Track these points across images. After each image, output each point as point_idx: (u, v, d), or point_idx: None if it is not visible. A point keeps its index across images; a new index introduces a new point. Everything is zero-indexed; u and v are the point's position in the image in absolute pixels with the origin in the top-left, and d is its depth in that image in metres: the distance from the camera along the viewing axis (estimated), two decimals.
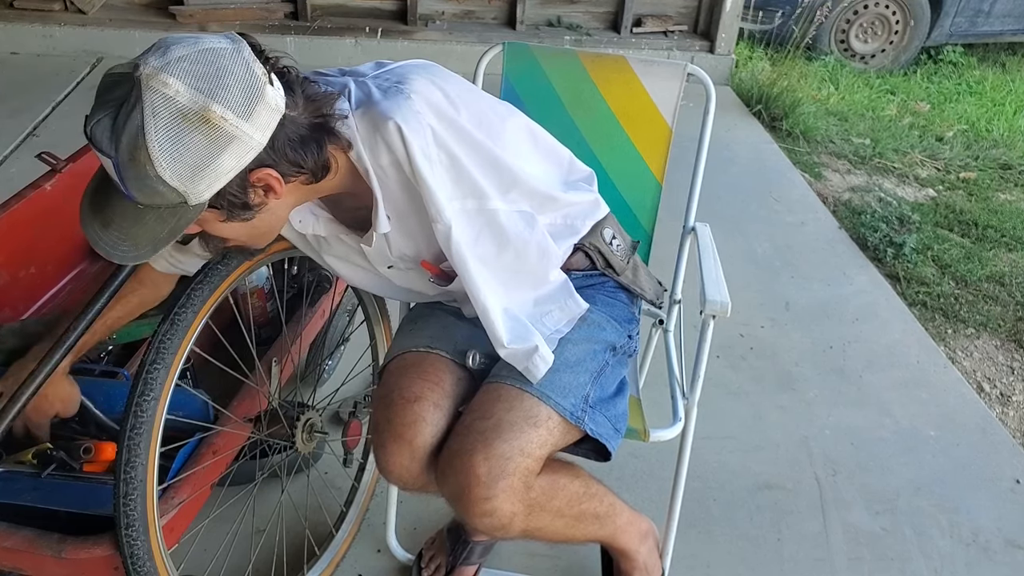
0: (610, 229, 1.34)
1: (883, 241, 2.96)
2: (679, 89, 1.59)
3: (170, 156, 0.88)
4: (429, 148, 1.01)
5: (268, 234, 1.10)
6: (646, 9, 4.63)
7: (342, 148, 1.03)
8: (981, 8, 5.27)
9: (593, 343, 1.22)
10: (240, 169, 0.93)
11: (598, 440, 1.16)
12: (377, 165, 1.04)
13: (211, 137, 0.89)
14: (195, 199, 0.93)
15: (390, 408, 1.18)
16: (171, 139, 0.87)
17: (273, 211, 1.04)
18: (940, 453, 2.02)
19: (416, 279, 1.26)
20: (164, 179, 0.89)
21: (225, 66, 0.89)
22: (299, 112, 0.97)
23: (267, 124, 0.93)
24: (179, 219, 0.95)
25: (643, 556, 1.41)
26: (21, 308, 1.51)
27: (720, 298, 1.30)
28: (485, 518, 1.09)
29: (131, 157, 0.88)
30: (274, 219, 1.06)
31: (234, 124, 0.89)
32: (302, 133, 0.97)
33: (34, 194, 1.51)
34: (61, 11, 4.24)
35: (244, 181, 0.96)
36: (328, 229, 1.19)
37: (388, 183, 1.06)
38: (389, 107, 1.01)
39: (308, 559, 1.55)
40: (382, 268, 1.23)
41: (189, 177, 0.90)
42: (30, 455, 1.19)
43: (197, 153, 0.89)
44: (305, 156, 0.98)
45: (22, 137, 3.22)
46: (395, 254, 1.19)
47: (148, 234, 0.95)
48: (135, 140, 0.87)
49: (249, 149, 0.92)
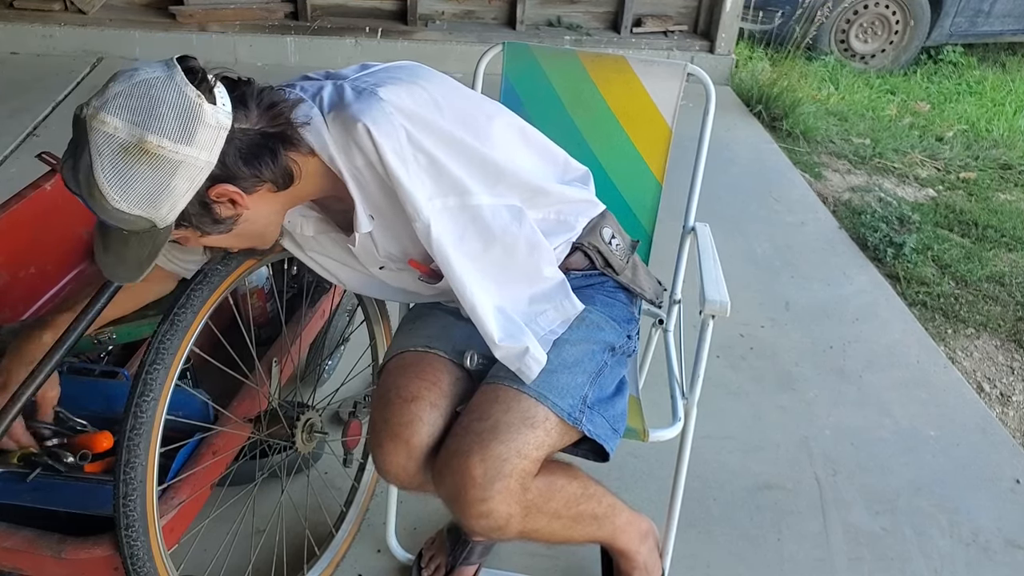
0: (609, 228, 1.34)
1: (883, 241, 2.96)
2: (679, 89, 1.59)
3: (120, 189, 0.92)
4: (403, 149, 1.02)
5: (260, 238, 1.11)
6: (646, 9, 4.63)
7: (305, 153, 1.04)
8: (981, 8, 5.27)
9: (592, 343, 1.22)
10: (195, 189, 0.96)
11: (596, 441, 1.16)
12: (352, 167, 1.05)
13: (155, 166, 0.92)
14: (162, 223, 0.97)
15: (387, 408, 1.18)
16: (117, 173, 0.91)
17: (252, 220, 1.05)
18: (940, 453, 2.02)
19: (408, 279, 1.26)
20: (122, 210, 0.93)
21: (157, 96, 0.92)
22: (252, 123, 0.98)
23: (211, 142, 0.94)
24: (155, 240, 0.99)
25: (643, 556, 1.41)
26: (21, 308, 1.51)
27: (720, 298, 1.30)
28: (481, 520, 1.09)
29: (89, 194, 0.93)
30: (258, 226, 1.07)
31: (173, 150, 0.92)
32: (255, 144, 0.98)
33: (34, 194, 1.51)
34: (61, 11, 4.24)
35: (204, 199, 0.98)
36: (318, 228, 1.20)
37: (366, 184, 1.07)
38: (359, 109, 1.01)
39: (308, 559, 1.55)
40: (373, 269, 1.23)
41: (148, 204, 0.94)
42: (15, 458, 1.19)
43: (146, 182, 0.92)
44: (260, 167, 1.00)
45: (22, 137, 3.22)
46: (382, 254, 1.19)
47: (134, 256, 0.99)
48: (88, 178, 0.92)
49: (199, 170, 0.95)
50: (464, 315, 1.31)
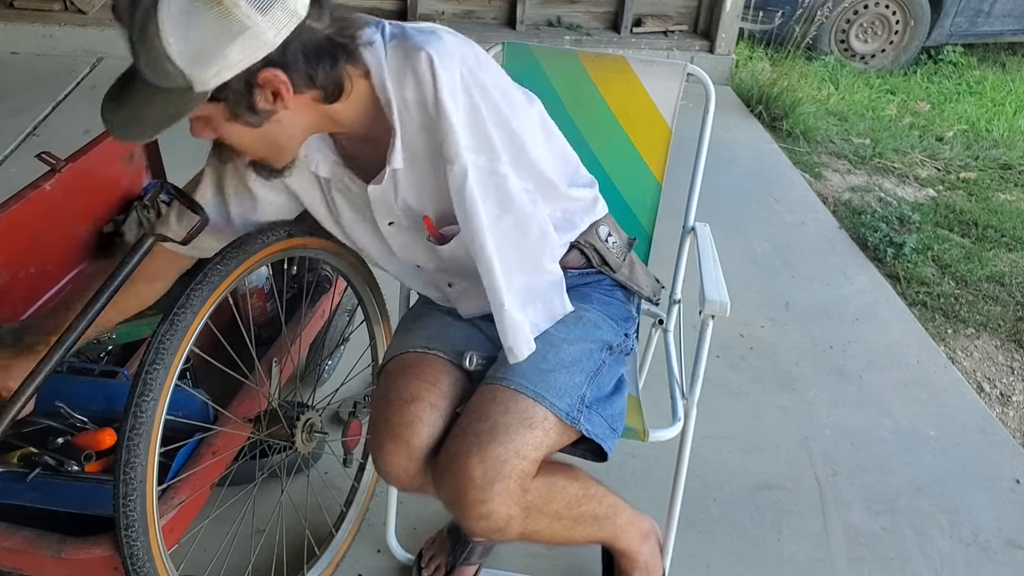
0: (606, 227, 1.34)
1: (883, 241, 2.96)
2: (679, 89, 1.59)
3: (178, 33, 0.88)
4: (456, 88, 1.02)
5: (278, 151, 1.08)
6: (646, 9, 4.63)
7: (360, 74, 1.03)
8: (981, 8, 5.27)
9: (589, 342, 1.22)
10: (248, 63, 0.93)
11: (595, 440, 1.16)
12: (401, 98, 1.03)
13: (222, 23, 0.89)
14: (200, 86, 0.92)
15: (387, 409, 1.18)
16: (183, 15, 0.88)
17: (283, 124, 1.02)
18: (940, 453, 2.02)
19: (412, 242, 1.23)
20: (171, 56, 0.89)
21: None
22: (323, 27, 0.97)
23: (283, 24, 0.92)
24: (185, 103, 0.94)
25: (644, 556, 1.40)
26: (21, 308, 1.51)
27: (719, 298, 1.30)
28: (481, 521, 1.09)
29: (143, 29, 0.89)
30: (284, 134, 1.04)
31: (246, 14, 0.89)
32: (319, 45, 0.97)
33: (34, 194, 1.51)
34: (61, 11, 4.23)
35: (251, 79, 0.95)
36: (334, 172, 1.17)
37: (408, 122, 1.05)
38: (424, 41, 1.02)
39: (308, 559, 1.55)
40: (383, 223, 1.20)
41: (195, 60, 0.90)
42: (15, 458, 1.19)
43: (205, 36, 0.89)
44: (317, 69, 0.98)
45: (22, 137, 3.22)
46: (400, 205, 1.16)
47: (155, 114, 0.95)
48: (148, 12, 0.88)
49: (260, 45, 0.92)
50: (462, 315, 1.31)
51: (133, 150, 1.77)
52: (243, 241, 1.20)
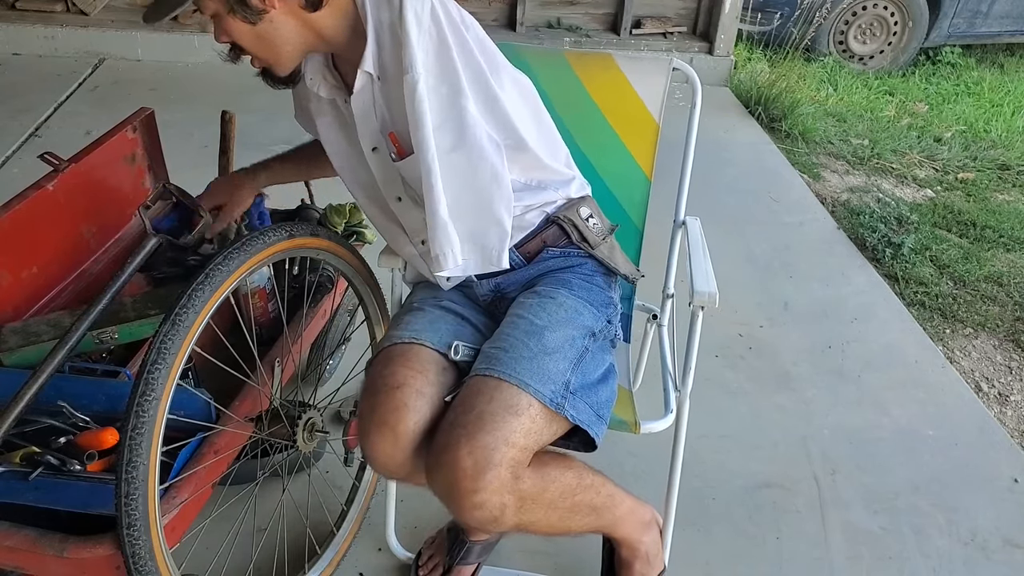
0: (587, 208, 1.36)
1: (881, 241, 2.97)
2: (665, 84, 1.59)
3: None
4: (423, 15, 1.09)
5: (276, 55, 1.19)
6: (645, 11, 4.64)
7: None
8: (979, 9, 5.28)
9: (571, 328, 1.23)
10: None
11: (582, 427, 1.16)
12: (377, 19, 1.14)
13: None
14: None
15: (374, 396, 1.19)
16: None
17: (275, 25, 1.15)
18: (938, 453, 2.02)
19: (392, 168, 1.28)
20: None
21: None
22: None
23: None
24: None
25: (645, 546, 1.40)
26: (23, 308, 1.51)
27: (708, 289, 1.31)
28: (475, 511, 1.09)
29: None
30: (278, 37, 1.16)
31: None
32: None
33: (36, 194, 1.52)
34: (63, 12, 4.24)
35: None
36: (330, 93, 1.28)
37: (383, 44, 1.15)
38: None
39: (309, 558, 1.56)
40: (367, 148, 1.26)
41: None
42: (17, 457, 1.19)
43: None
44: None
45: (24, 137, 3.23)
46: (379, 118, 1.22)
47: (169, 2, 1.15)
48: None
49: None
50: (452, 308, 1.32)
51: (135, 151, 1.78)
52: (245, 241, 1.21)
